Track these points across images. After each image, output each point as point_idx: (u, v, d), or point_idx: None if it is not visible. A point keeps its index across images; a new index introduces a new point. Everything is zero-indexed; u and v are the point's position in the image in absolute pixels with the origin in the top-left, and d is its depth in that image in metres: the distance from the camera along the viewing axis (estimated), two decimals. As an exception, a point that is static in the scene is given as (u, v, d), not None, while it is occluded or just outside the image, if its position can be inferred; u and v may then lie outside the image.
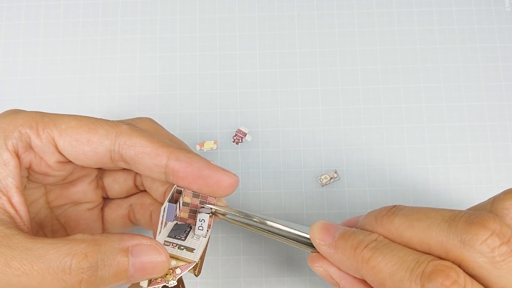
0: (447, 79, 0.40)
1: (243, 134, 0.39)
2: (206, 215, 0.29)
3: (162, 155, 0.28)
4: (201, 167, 0.28)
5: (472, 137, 0.39)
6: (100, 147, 0.28)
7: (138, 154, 0.28)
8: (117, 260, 0.24)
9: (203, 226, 0.29)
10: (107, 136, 0.28)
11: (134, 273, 0.25)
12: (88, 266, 0.24)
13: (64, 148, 0.28)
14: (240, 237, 0.37)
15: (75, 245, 0.24)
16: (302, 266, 0.37)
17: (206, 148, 0.39)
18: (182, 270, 0.27)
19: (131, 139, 0.28)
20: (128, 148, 0.28)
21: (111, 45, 0.41)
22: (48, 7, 0.41)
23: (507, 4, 0.41)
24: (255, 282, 0.37)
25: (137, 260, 0.25)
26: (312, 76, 0.40)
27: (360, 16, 0.41)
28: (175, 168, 0.28)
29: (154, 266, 0.26)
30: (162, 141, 0.28)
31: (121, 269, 0.24)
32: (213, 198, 0.29)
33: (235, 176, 0.28)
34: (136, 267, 0.25)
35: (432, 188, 0.38)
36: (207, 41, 0.41)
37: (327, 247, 0.27)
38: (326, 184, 0.38)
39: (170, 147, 0.28)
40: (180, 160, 0.28)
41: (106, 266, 0.24)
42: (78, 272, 0.23)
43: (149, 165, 0.28)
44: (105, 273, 0.24)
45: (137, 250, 0.25)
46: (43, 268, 0.23)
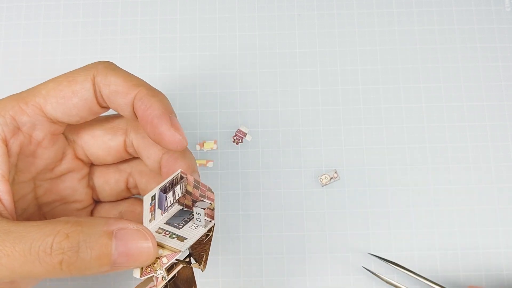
0: (447, 79, 0.40)
1: (243, 134, 0.39)
2: (202, 210, 0.28)
3: (132, 94, 0.27)
4: (155, 115, 0.27)
5: (472, 137, 0.39)
6: (86, 92, 0.28)
7: (112, 93, 0.28)
8: (100, 243, 0.23)
9: (201, 219, 0.28)
10: (86, 79, 0.28)
11: (118, 258, 0.24)
12: (69, 246, 0.23)
13: (53, 111, 0.28)
14: (240, 237, 0.37)
15: (58, 225, 0.23)
16: (301, 264, 0.37)
17: (206, 148, 0.39)
18: (168, 259, 0.25)
19: (107, 78, 0.28)
20: (104, 87, 0.28)
21: (111, 45, 0.41)
22: (48, 7, 0.41)
23: (507, 4, 0.41)
24: (254, 281, 0.37)
25: (120, 243, 0.24)
26: (312, 76, 0.40)
27: (360, 16, 0.41)
28: (136, 107, 0.27)
29: (139, 252, 0.24)
30: (135, 80, 0.28)
31: (104, 252, 0.23)
32: (212, 194, 0.28)
33: (180, 137, 0.27)
34: (120, 251, 0.24)
35: (432, 188, 0.38)
36: (207, 41, 0.41)
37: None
38: (326, 184, 0.38)
39: (140, 86, 0.28)
40: (142, 101, 0.27)
41: (88, 248, 0.23)
42: (59, 252, 0.23)
43: (121, 104, 0.28)
44: (86, 255, 0.23)
45: (122, 234, 0.24)
46: (25, 248, 0.23)
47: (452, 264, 0.37)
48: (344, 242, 0.37)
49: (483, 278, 0.36)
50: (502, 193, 0.38)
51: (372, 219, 0.37)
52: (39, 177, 0.30)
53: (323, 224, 0.37)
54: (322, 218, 0.38)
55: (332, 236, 0.37)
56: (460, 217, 0.37)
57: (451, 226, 0.37)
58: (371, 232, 0.37)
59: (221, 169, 0.38)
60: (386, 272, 0.36)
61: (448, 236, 0.37)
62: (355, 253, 0.37)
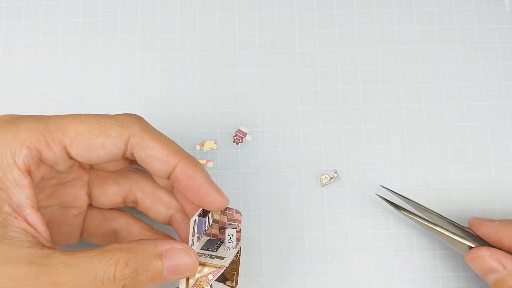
0: (447, 79, 0.40)
1: (243, 134, 0.39)
2: (233, 230, 0.32)
3: (171, 163, 0.29)
4: (200, 184, 0.29)
5: (472, 137, 0.39)
6: (114, 149, 0.28)
7: (149, 157, 0.29)
8: (153, 265, 0.26)
9: (232, 240, 0.32)
10: (120, 138, 0.28)
11: (168, 275, 0.27)
12: (130, 273, 0.25)
13: (77, 155, 0.28)
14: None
15: (116, 254, 0.25)
16: (301, 264, 0.37)
17: (206, 148, 0.39)
18: (214, 275, 0.29)
19: (143, 142, 0.29)
20: (140, 150, 0.29)
21: (111, 45, 0.41)
22: (48, 7, 0.41)
23: (507, 4, 0.41)
24: (254, 281, 0.37)
25: (170, 263, 0.27)
26: (312, 76, 0.40)
27: (360, 16, 0.41)
28: (178, 177, 0.29)
29: (185, 268, 0.27)
30: (173, 146, 0.29)
31: (157, 272, 0.26)
32: (239, 215, 0.32)
33: (226, 200, 0.31)
34: (170, 270, 0.27)
35: (432, 188, 0.38)
36: (207, 41, 0.41)
37: (488, 223, 0.32)
38: (326, 184, 0.38)
39: (180, 154, 0.29)
40: (184, 172, 0.29)
41: (144, 271, 0.26)
42: (121, 279, 0.25)
43: (157, 169, 0.29)
44: (143, 277, 0.26)
45: (170, 254, 0.27)
46: (90, 280, 0.24)
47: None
48: (344, 242, 0.37)
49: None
50: (502, 193, 0.38)
51: (372, 219, 0.37)
52: (44, 183, 0.30)
53: (323, 224, 0.37)
54: (322, 218, 0.38)
55: (332, 236, 0.37)
56: (460, 217, 0.37)
57: (451, 226, 0.37)
58: (371, 232, 0.37)
59: (221, 169, 0.38)
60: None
61: (448, 236, 0.37)
62: (355, 253, 0.37)
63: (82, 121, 0.28)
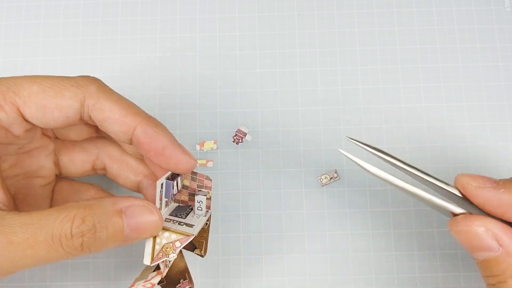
0: (447, 79, 0.40)
1: (243, 134, 0.39)
2: (203, 197, 0.30)
3: (130, 124, 0.28)
4: (164, 145, 0.28)
5: (472, 137, 0.39)
6: (70, 111, 0.27)
7: (107, 119, 0.28)
8: (112, 221, 0.25)
9: (202, 207, 0.31)
10: (75, 99, 0.27)
11: (130, 233, 0.26)
12: (87, 229, 0.25)
13: (31, 116, 0.27)
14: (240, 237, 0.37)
15: (72, 211, 0.25)
16: (301, 264, 0.37)
17: (206, 148, 0.39)
18: (182, 243, 0.28)
19: (100, 103, 0.28)
20: (97, 112, 0.28)
21: (111, 45, 0.41)
22: (48, 7, 0.41)
23: (507, 4, 0.41)
24: (254, 281, 0.37)
25: (131, 220, 0.26)
26: (312, 76, 0.40)
27: (360, 16, 0.41)
28: (140, 139, 0.28)
29: (148, 226, 0.26)
30: (131, 107, 0.28)
31: (118, 230, 0.25)
32: (210, 181, 0.31)
33: (194, 160, 0.29)
34: (131, 227, 0.26)
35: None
36: (207, 41, 0.41)
37: (490, 189, 0.25)
38: (326, 184, 0.38)
39: (139, 116, 0.28)
40: (146, 133, 0.28)
41: (103, 228, 0.25)
42: (79, 235, 0.24)
43: (116, 131, 0.28)
44: (103, 235, 0.25)
45: (131, 211, 0.26)
46: (47, 237, 0.24)
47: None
48: (344, 242, 0.37)
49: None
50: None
51: (372, 219, 0.37)
52: (5, 152, 0.30)
53: (323, 224, 0.37)
54: (322, 218, 0.38)
55: (332, 236, 0.37)
56: (460, 217, 0.38)
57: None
58: (371, 232, 0.37)
59: (221, 169, 0.38)
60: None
61: (449, 235, 0.37)
62: (355, 252, 0.37)
63: (35, 81, 0.27)
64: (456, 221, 0.26)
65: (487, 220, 0.25)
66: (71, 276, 0.37)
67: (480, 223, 0.25)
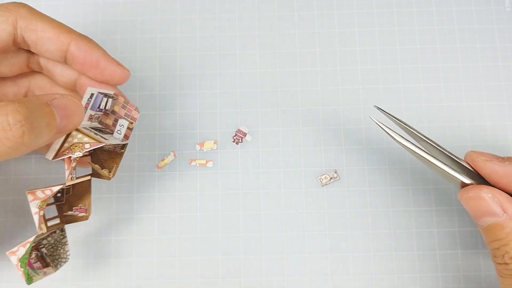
0: (447, 79, 0.40)
1: (243, 134, 0.39)
2: (126, 122, 0.33)
3: (64, 41, 0.30)
4: (99, 58, 0.31)
5: (472, 137, 0.39)
6: (3, 34, 0.29)
7: (41, 39, 0.30)
8: (44, 111, 0.27)
9: (121, 131, 0.33)
10: (7, 22, 0.29)
11: (61, 121, 0.28)
12: (24, 118, 0.26)
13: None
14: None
15: (6, 106, 0.26)
16: (301, 264, 0.37)
17: (206, 148, 0.39)
18: (91, 146, 0.30)
19: (32, 23, 0.29)
20: (30, 33, 0.29)
21: (111, 45, 0.41)
22: (49, 7, 0.41)
23: (507, 4, 0.41)
24: (255, 281, 0.37)
25: (59, 109, 0.28)
26: (312, 75, 0.40)
27: (359, 16, 0.41)
28: (75, 54, 0.30)
29: (74, 113, 0.29)
30: (63, 26, 0.30)
31: (51, 118, 0.27)
32: (137, 113, 0.33)
33: (127, 71, 0.32)
34: (61, 115, 0.28)
35: (432, 188, 0.38)
36: (207, 41, 0.41)
37: (496, 162, 0.29)
38: (326, 184, 0.38)
39: (72, 33, 0.30)
40: (80, 48, 0.30)
41: (38, 117, 0.27)
42: (18, 126, 0.26)
43: (51, 49, 0.30)
44: (39, 123, 0.27)
45: (57, 102, 0.28)
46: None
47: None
48: (344, 242, 0.37)
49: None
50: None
51: (372, 219, 0.38)
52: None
53: (323, 224, 0.37)
54: (322, 218, 0.38)
55: (332, 236, 0.37)
56: (460, 217, 0.38)
57: (451, 225, 0.37)
58: (371, 232, 0.37)
59: (221, 169, 0.38)
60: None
61: (449, 235, 0.37)
62: (355, 253, 0.37)
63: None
64: (467, 189, 0.29)
65: (493, 189, 0.29)
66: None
67: (488, 190, 0.28)
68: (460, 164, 0.31)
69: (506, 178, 0.29)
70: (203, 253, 0.37)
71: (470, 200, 0.29)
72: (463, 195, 0.29)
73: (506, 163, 0.29)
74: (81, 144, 0.30)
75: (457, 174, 0.30)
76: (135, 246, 0.37)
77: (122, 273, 0.37)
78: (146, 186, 0.38)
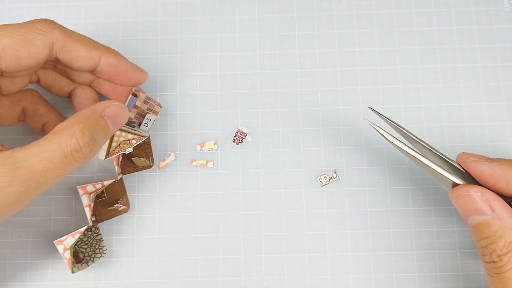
0: (446, 79, 0.40)
1: (243, 134, 0.39)
2: (153, 116, 0.37)
3: (95, 58, 0.33)
4: (127, 69, 0.35)
5: (471, 137, 0.39)
6: (41, 56, 0.31)
7: (74, 58, 0.33)
8: (101, 124, 0.31)
9: (148, 124, 0.38)
10: (44, 46, 0.31)
11: (113, 128, 0.33)
12: (90, 139, 0.30)
13: (7, 68, 0.31)
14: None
15: (70, 130, 0.30)
16: (301, 264, 0.37)
17: (207, 149, 0.39)
18: (137, 141, 0.35)
19: (67, 46, 0.32)
20: (65, 53, 0.32)
21: (112, 45, 0.41)
22: (50, 8, 0.42)
23: (506, 4, 0.41)
24: (254, 281, 0.37)
25: (111, 118, 0.32)
26: (311, 76, 0.40)
27: (359, 17, 0.41)
28: (105, 69, 0.34)
29: (122, 116, 0.33)
30: (93, 43, 0.34)
31: (106, 129, 0.32)
32: (159, 108, 0.38)
33: (147, 73, 0.36)
34: (113, 122, 0.33)
35: (431, 188, 0.38)
36: (208, 43, 0.41)
37: (485, 162, 0.30)
38: (325, 184, 0.38)
39: (101, 49, 0.34)
40: (110, 63, 0.34)
41: (98, 132, 0.31)
42: (86, 145, 0.30)
43: (82, 66, 0.34)
44: (99, 137, 0.31)
45: (109, 111, 0.32)
46: (62, 157, 0.29)
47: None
48: (344, 242, 0.37)
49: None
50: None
51: (371, 219, 0.38)
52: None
53: (323, 224, 0.38)
54: (321, 218, 0.38)
55: (331, 236, 0.37)
56: (459, 216, 0.38)
57: (450, 225, 0.37)
58: (370, 232, 0.37)
59: (221, 169, 0.39)
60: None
61: (448, 235, 0.37)
62: (354, 252, 0.37)
63: (4, 34, 0.30)
64: (457, 188, 0.30)
65: (482, 188, 0.29)
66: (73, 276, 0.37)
67: (477, 189, 0.29)
68: (451, 165, 0.31)
69: (494, 178, 0.30)
70: (203, 253, 0.37)
71: (459, 199, 0.30)
72: (453, 193, 0.30)
73: (494, 164, 0.30)
74: (128, 141, 0.35)
75: (448, 174, 0.31)
76: (135, 246, 0.38)
77: (122, 273, 0.37)
78: (147, 186, 0.38)
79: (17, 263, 0.37)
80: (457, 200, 0.30)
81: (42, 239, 0.38)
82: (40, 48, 0.31)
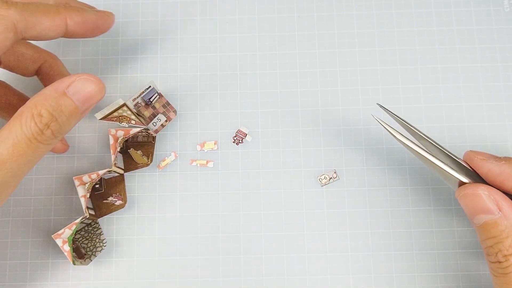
0: (446, 79, 0.40)
1: (243, 134, 0.39)
2: (163, 117, 0.38)
3: (61, 23, 0.31)
4: (95, 21, 0.33)
5: (471, 137, 0.39)
6: (8, 42, 0.29)
7: (40, 32, 0.30)
8: (64, 104, 0.28)
9: (157, 124, 0.38)
10: (7, 30, 0.28)
11: (82, 106, 0.29)
12: (49, 119, 0.28)
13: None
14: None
15: (26, 113, 0.27)
16: (301, 264, 0.37)
17: (207, 149, 0.39)
18: (136, 123, 0.35)
19: (29, 22, 0.29)
20: (30, 31, 0.30)
21: (112, 46, 0.41)
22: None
23: (506, 4, 0.41)
24: (254, 281, 0.37)
25: (77, 96, 0.29)
26: (311, 76, 0.40)
27: (359, 17, 0.41)
28: (74, 30, 0.32)
29: (93, 93, 0.29)
30: (52, 7, 0.31)
31: (72, 108, 0.29)
32: (174, 115, 0.38)
33: (113, 15, 0.34)
34: (80, 101, 0.29)
35: (431, 188, 0.38)
36: (208, 43, 0.41)
37: (493, 161, 0.29)
38: (325, 184, 0.38)
39: (62, 12, 0.31)
40: (76, 23, 0.31)
41: (60, 112, 0.28)
42: (46, 127, 0.28)
43: (52, 36, 0.31)
44: (63, 118, 0.28)
45: (73, 88, 0.29)
46: (25, 142, 0.27)
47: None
48: (344, 242, 0.37)
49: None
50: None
51: (371, 219, 0.38)
52: None
53: (323, 224, 0.38)
54: (321, 218, 0.38)
55: (331, 236, 0.37)
56: (459, 216, 0.38)
57: (450, 225, 0.37)
58: (370, 232, 0.37)
59: (221, 169, 0.39)
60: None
61: (448, 235, 0.37)
62: (354, 252, 0.37)
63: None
64: (464, 186, 0.30)
65: (490, 187, 0.29)
66: (72, 277, 0.37)
67: (485, 188, 0.29)
68: (458, 163, 0.31)
69: (501, 176, 0.29)
70: (203, 253, 0.37)
71: (466, 197, 0.29)
72: (460, 192, 0.30)
73: (502, 162, 0.29)
74: (129, 118, 0.34)
75: (456, 173, 0.30)
76: (135, 246, 0.38)
77: (122, 273, 0.37)
78: (147, 186, 0.38)
79: (17, 263, 0.37)
80: (464, 198, 0.29)
81: (42, 239, 0.38)
82: (4, 34, 0.28)
